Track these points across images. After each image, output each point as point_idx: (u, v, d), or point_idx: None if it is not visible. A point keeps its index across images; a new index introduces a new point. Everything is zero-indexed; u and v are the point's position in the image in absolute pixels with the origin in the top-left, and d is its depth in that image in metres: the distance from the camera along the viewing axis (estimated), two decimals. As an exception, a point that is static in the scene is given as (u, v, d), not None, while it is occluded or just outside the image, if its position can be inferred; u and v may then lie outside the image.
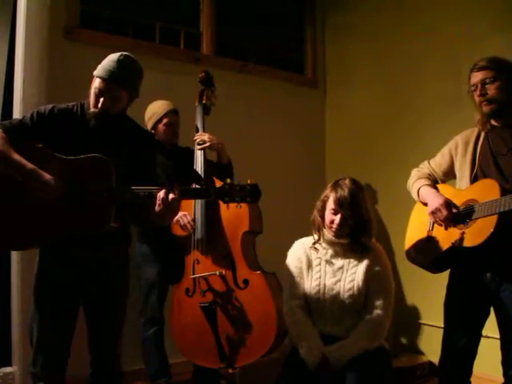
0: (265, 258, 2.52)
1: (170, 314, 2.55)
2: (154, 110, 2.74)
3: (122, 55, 1.91)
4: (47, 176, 1.79)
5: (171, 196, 1.74)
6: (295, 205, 3.46)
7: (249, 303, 2.33)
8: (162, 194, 1.74)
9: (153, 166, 2.04)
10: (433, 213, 2.04)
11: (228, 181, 1.76)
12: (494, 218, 1.82)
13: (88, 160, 1.83)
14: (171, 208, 1.76)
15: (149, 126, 2.73)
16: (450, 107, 3.02)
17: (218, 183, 2.38)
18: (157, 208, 1.76)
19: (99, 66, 1.92)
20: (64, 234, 1.84)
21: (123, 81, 1.89)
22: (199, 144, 2.60)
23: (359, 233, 2.07)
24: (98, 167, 1.83)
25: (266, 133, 3.69)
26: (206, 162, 2.59)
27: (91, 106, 1.92)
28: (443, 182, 2.18)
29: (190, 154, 2.67)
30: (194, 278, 2.44)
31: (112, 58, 1.91)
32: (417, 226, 2.18)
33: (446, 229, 2.02)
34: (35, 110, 1.94)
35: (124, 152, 1.92)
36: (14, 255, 2.69)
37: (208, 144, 2.60)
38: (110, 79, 1.87)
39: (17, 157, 1.81)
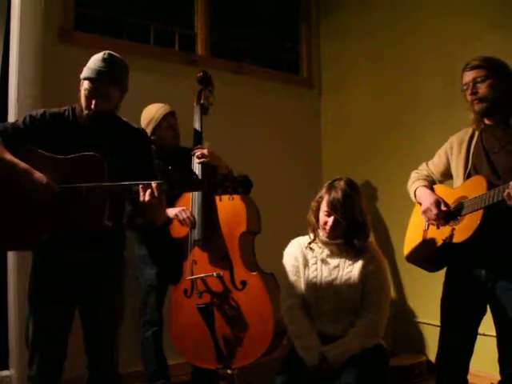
0: (262, 258, 2.53)
1: (169, 315, 2.55)
2: (152, 115, 2.71)
3: (106, 53, 1.92)
4: (40, 175, 1.81)
5: (148, 194, 1.76)
6: (291, 204, 3.46)
7: (246, 304, 2.33)
8: (140, 190, 1.77)
9: (149, 164, 2.05)
10: (424, 212, 2.07)
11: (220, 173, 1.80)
12: (480, 213, 1.84)
13: (81, 158, 1.85)
14: (151, 205, 1.77)
15: (148, 130, 2.69)
16: (448, 105, 3.02)
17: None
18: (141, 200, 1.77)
19: (85, 68, 1.93)
20: (60, 232, 1.84)
21: (111, 77, 1.90)
22: (198, 157, 2.56)
23: (353, 235, 2.08)
24: (91, 165, 1.84)
25: (262, 133, 3.69)
26: (204, 175, 2.52)
27: (84, 108, 1.92)
28: (441, 182, 2.20)
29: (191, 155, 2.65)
30: (192, 279, 2.44)
31: (97, 57, 1.92)
32: (415, 227, 2.20)
33: (437, 227, 2.04)
34: (28, 114, 1.96)
35: (117, 152, 1.92)
36: (11, 258, 2.68)
37: (208, 159, 2.54)
38: (98, 78, 1.88)
39: (10, 157, 1.83)
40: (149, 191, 1.76)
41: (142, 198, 1.77)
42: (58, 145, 1.89)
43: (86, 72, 1.91)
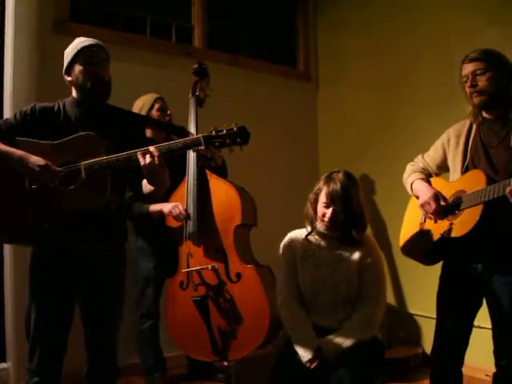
0: (259, 251, 2.53)
1: (165, 307, 2.56)
2: (143, 101, 2.77)
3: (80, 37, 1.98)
4: (38, 157, 1.81)
5: (148, 157, 1.77)
6: (288, 197, 3.46)
7: (241, 297, 2.33)
8: (139, 156, 1.79)
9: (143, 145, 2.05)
10: (422, 206, 2.05)
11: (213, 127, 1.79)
12: (480, 208, 1.83)
13: (76, 138, 1.85)
14: (152, 169, 1.79)
15: None
16: (445, 100, 3.01)
17: None
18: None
19: (69, 51, 1.95)
20: (63, 217, 1.83)
21: (98, 44, 1.95)
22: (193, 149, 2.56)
23: (350, 227, 2.08)
24: (87, 143, 1.85)
25: (258, 126, 3.63)
26: (199, 164, 2.54)
27: (87, 85, 1.92)
28: (437, 175, 2.19)
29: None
30: (188, 272, 2.44)
31: (76, 41, 1.97)
32: (411, 220, 2.20)
33: (435, 221, 2.03)
34: (18, 110, 1.96)
35: (111, 138, 1.90)
36: (7, 250, 2.68)
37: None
38: (91, 44, 1.92)
39: (4, 147, 1.83)
40: (148, 155, 1.77)
41: (142, 163, 1.78)
42: (51, 138, 1.88)
43: (75, 49, 1.93)
